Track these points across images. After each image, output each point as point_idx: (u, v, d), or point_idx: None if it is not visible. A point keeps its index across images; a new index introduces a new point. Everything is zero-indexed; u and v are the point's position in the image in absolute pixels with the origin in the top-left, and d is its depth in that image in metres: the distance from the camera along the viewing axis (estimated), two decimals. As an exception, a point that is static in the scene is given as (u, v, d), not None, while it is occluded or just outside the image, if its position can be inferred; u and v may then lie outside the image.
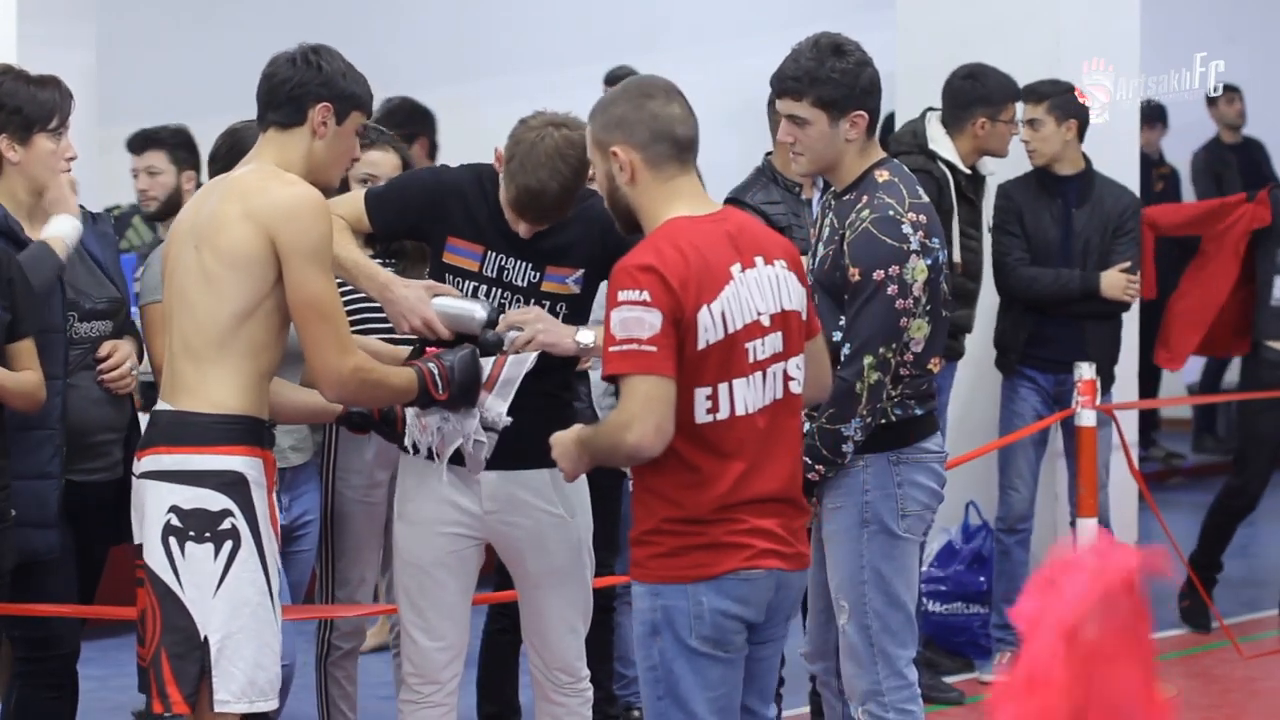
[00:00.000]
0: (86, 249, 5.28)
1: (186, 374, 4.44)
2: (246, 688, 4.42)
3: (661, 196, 4.24)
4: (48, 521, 5.05)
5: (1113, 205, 7.52)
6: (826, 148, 4.85)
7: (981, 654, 7.58)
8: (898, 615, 4.88)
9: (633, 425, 4.08)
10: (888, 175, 4.86)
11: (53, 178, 5.23)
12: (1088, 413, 6.97)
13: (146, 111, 13.65)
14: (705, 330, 4.14)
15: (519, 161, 4.76)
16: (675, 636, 4.19)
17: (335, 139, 4.58)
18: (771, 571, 4.24)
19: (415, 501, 4.99)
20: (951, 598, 7.68)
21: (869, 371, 4.75)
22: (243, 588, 4.41)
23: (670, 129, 4.23)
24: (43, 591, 5.14)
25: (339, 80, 4.56)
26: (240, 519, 4.39)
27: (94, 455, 5.22)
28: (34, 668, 5.24)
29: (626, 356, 4.08)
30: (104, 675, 7.35)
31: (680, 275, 4.11)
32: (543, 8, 14.11)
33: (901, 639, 4.89)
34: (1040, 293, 7.41)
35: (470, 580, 5.05)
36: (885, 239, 4.75)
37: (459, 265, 4.94)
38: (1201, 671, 7.67)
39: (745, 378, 4.20)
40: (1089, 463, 6.97)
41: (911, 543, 4.92)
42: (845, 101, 4.81)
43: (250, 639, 4.41)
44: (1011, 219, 7.44)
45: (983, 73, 7.24)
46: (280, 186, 4.45)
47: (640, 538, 4.25)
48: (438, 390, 4.69)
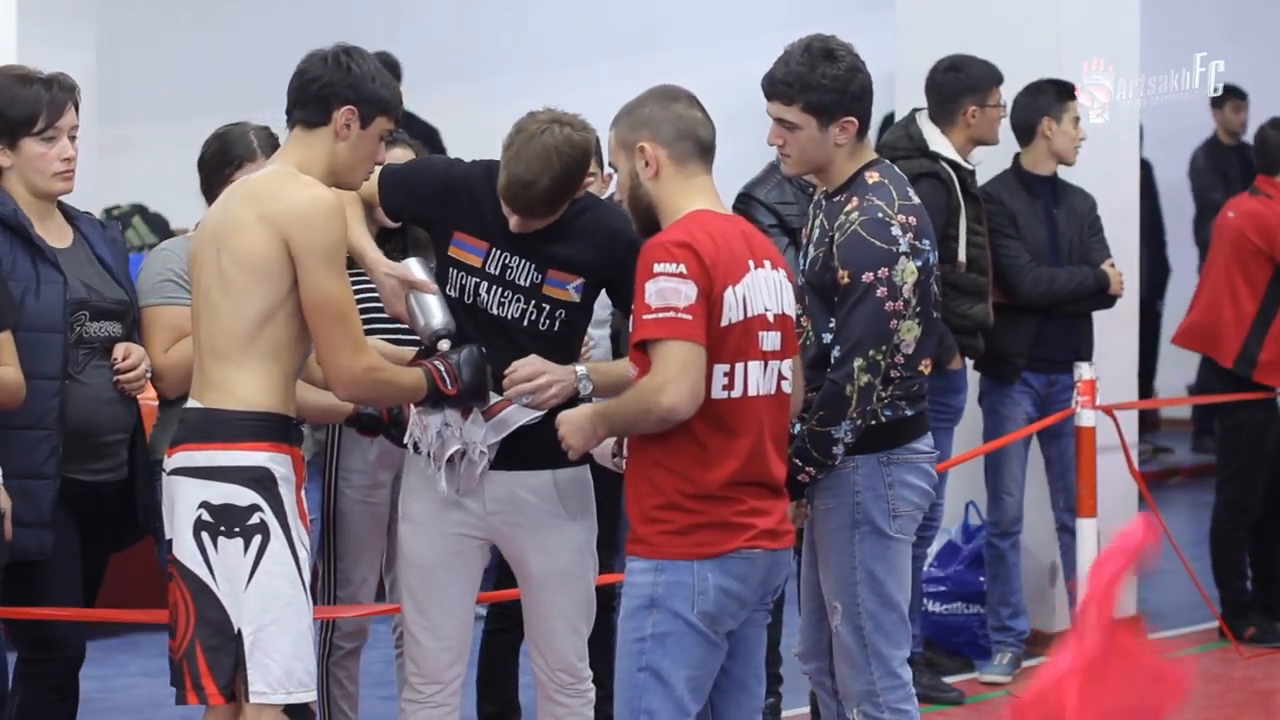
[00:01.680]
0: (96, 255, 5.24)
1: (214, 373, 4.49)
2: (283, 679, 4.45)
3: (685, 191, 4.48)
4: (41, 521, 5.01)
5: (1082, 204, 7.57)
6: (815, 151, 4.86)
7: (981, 654, 7.58)
8: (891, 615, 4.88)
9: (667, 388, 4.29)
10: (878, 177, 4.85)
11: (47, 182, 5.14)
12: (1087, 413, 6.98)
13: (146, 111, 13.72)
14: (729, 309, 4.38)
15: (515, 150, 4.79)
16: (674, 612, 4.38)
17: (359, 142, 4.59)
18: (767, 552, 4.47)
19: (420, 502, 4.99)
20: (951, 598, 7.69)
21: (859, 374, 4.74)
22: (274, 581, 4.44)
23: (694, 129, 4.51)
24: (45, 593, 5.12)
25: (367, 84, 4.56)
26: (269, 513, 4.45)
27: (102, 455, 5.19)
28: (36, 670, 5.22)
29: (663, 323, 4.30)
30: (105, 675, 7.36)
31: (711, 255, 4.37)
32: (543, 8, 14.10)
33: (895, 639, 4.90)
34: (1059, 292, 7.40)
35: (474, 580, 5.06)
36: (874, 241, 4.75)
37: (462, 260, 4.94)
38: (1202, 671, 7.66)
39: (757, 362, 4.44)
40: (1088, 463, 6.98)
41: (903, 543, 4.92)
42: (835, 107, 4.80)
43: (284, 631, 4.45)
44: (1006, 222, 7.43)
45: (965, 63, 7.27)
46: (295, 190, 4.47)
47: (650, 514, 4.41)
48: (447, 386, 4.71)
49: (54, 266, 5.10)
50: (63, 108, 5.14)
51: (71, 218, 5.29)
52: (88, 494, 5.16)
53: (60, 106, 5.13)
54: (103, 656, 7.47)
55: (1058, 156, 7.46)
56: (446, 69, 13.48)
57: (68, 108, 5.16)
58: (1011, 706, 3.77)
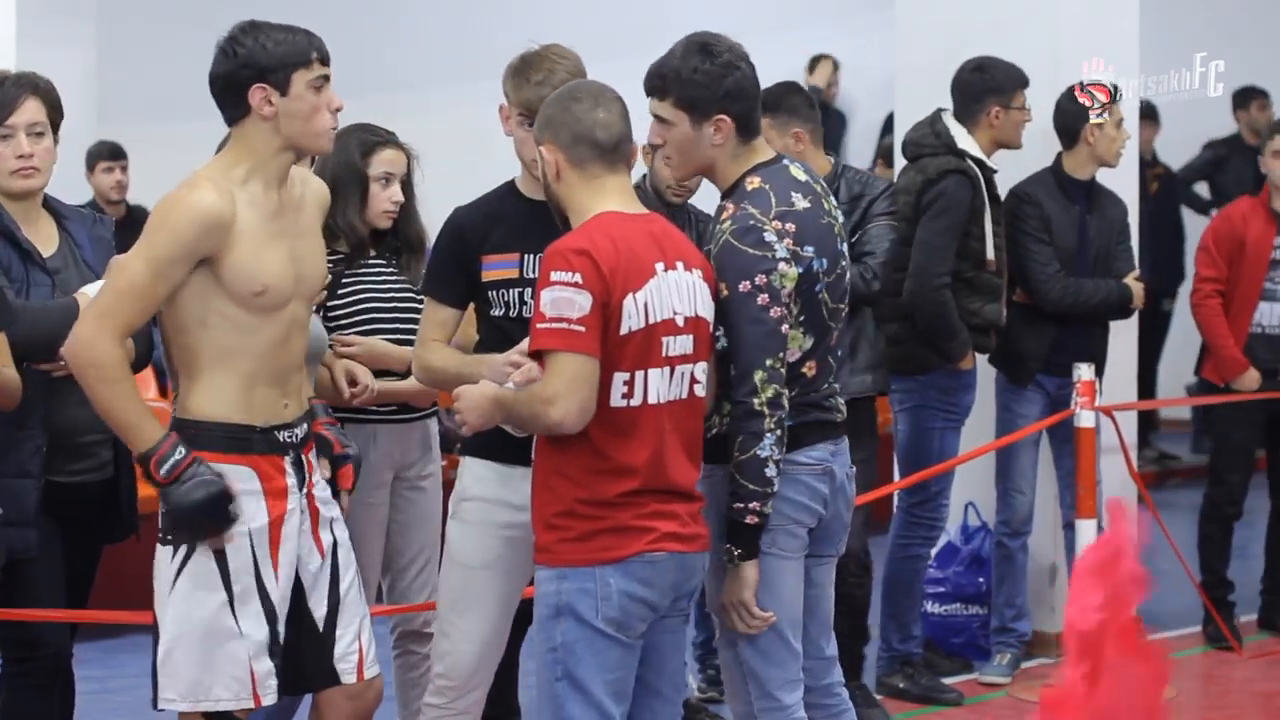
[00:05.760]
0: (83, 259, 5.18)
1: (180, 386, 4.50)
2: (192, 687, 4.43)
3: (588, 193, 4.44)
4: (26, 520, 4.98)
5: (1114, 211, 7.56)
6: (692, 151, 4.66)
7: (980, 655, 7.58)
8: (767, 635, 4.62)
9: (557, 401, 4.28)
10: (758, 182, 4.63)
11: (5, 180, 5.05)
12: (1086, 413, 6.98)
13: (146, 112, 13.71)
14: (629, 317, 4.33)
15: (512, 70, 4.91)
16: (580, 619, 4.35)
17: (289, 107, 4.45)
18: (673, 555, 4.41)
19: (472, 500, 4.93)
20: (950, 599, 7.68)
21: (763, 387, 4.52)
22: (195, 591, 4.42)
23: (591, 132, 4.44)
24: (27, 592, 5.08)
25: (260, 55, 4.42)
26: None
27: (81, 456, 5.15)
28: (20, 668, 5.20)
29: (555, 334, 4.28)
30: (103, 676, 7.35)
31: (610, 262, 4.30)
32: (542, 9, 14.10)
33: (774, 659, 4.65)
34: (1085, 304, 7.39)
35: (515, 585, 4.96)
36: (746, 249, 4.53)
37: (499, 279, 4.88)
38: (1202, 673, 7.67)
39: (659, 369, 4.38)
40: (1088, 464, 6.97)
41: (781, 559, 4.63)
42: (706, 104, 4.60)
43: (199, 642, 4.42)
44: (1040, 226, 7.41)
45: (990, 64, 7.28)
46: (179, 191, 4.43)
47: (550, 521, 4.38)
48: (159, 472, 4.38)
49: (41, 268, 5.07)
50: (13, 104, 5.05)
51: (59, 216, 5.23)
52: (68, 496, 5.12)
53: (10, 103, 5.05)
54: (101, 657, 7.46)
55: (1100, 160, 7.45)
56: (446, 70, 13.49)
57: (21, 103, 5.06)
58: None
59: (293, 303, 4.51)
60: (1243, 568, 8.30)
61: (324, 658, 4.59)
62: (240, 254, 4.39)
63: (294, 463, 4.54)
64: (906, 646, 7.23)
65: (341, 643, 4.60)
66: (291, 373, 4.55)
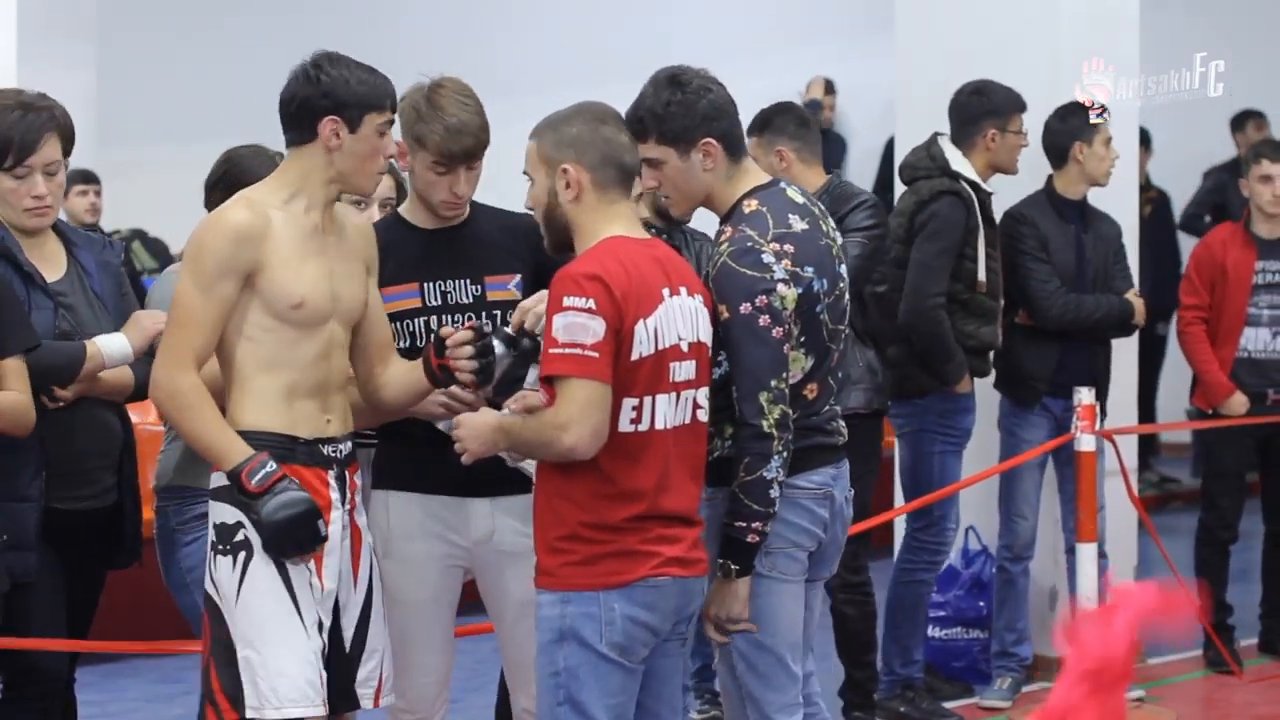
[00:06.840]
0: (91, 287, 5.17)
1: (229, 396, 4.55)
2: (269, 695, 4.44)
3: (603, 216, 4.43)
4: (25, 544, 4.97)
5: (1109, 231, 7.57)
6: (687, 183, 4.66)
7: (981, 679, 7.57)
8: (766, 658, 4.65)
9: (570, 427, 4.27)
10: (756, 205, 4.64)
11: (18, 217, 5.06)
12: (1087, 437, 6.97)
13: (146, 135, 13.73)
14: (640, 343, 4.33)
15: (419, 114, 4.81)
16: (584, 643, 4.33)
17: (354, 146, 4.54)
18: (676, 579, 4.40)
19: (407, 540, 4.91)
20: (951, 623, 7.67)
21: (769, 408, 4.52)
22: (259, 597, 4.45)
23: (620, 155, 4.46)
24: (27, 618, 5.06)
25: (341, 89, 4.52)
26: (251, 530, 4.45)
27: (82, 483, 5.14)
28: (21, 693, 5.19)
29: (569, 359, 4.27)
30: (103, 700, 7.35)
31: (622, 287, 4.31)
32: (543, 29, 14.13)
33: (772, 683, 4.66)
34: (1086, 320, 7.39)
35: (454, 610, 5.01)
36: (744, 270, 4.54)
37: (402, 309, 4.89)
38: (1202, 696, 7.66)
39: (667, 395, 4.39)
40: (1089, 488, 6.96)
41: (781, 582, 4.65)
42: (689, 132, 4.61)
43: (268, 647, 4.44)
44: (1038, 245, 7.42)
45: (989, 87, 7.30)
46: (214, 212, 4.55)
47: (553, 544, 4.37)
48: (251, 482, 4.44)
49: (44, 292, 5.06)
50: (35, 145, 5.02)
51: (68, 242, 5.23)
52: (68, 523, 5.10)
53: (32, 145, 5.02)
54: (101, 681, 7.45)
55: (1090, 179, 7.46)
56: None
57: (43, 142, 5.03)
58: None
59: (331, 321, 4.57)
60: (1243, 591, 8.29)
61: (348, 679, 4.62)
62: (277, 267, 4.48)
63: (337, 478, 4.59)
64: (908, 671, 7.22)
65: (365, 667, 4.64)
66: (332, 391, 4.60)
